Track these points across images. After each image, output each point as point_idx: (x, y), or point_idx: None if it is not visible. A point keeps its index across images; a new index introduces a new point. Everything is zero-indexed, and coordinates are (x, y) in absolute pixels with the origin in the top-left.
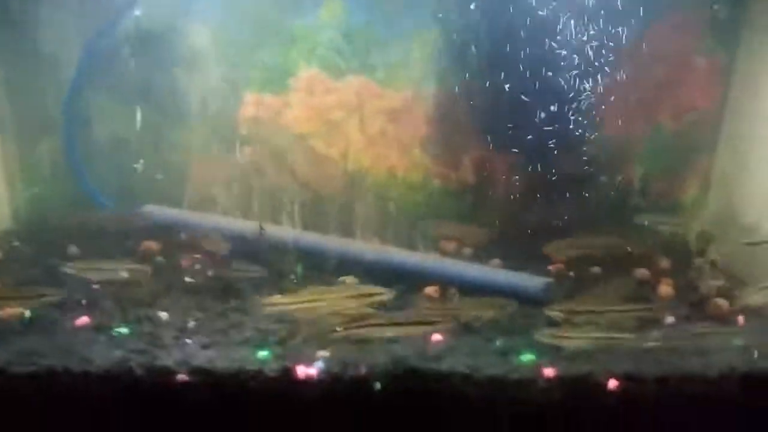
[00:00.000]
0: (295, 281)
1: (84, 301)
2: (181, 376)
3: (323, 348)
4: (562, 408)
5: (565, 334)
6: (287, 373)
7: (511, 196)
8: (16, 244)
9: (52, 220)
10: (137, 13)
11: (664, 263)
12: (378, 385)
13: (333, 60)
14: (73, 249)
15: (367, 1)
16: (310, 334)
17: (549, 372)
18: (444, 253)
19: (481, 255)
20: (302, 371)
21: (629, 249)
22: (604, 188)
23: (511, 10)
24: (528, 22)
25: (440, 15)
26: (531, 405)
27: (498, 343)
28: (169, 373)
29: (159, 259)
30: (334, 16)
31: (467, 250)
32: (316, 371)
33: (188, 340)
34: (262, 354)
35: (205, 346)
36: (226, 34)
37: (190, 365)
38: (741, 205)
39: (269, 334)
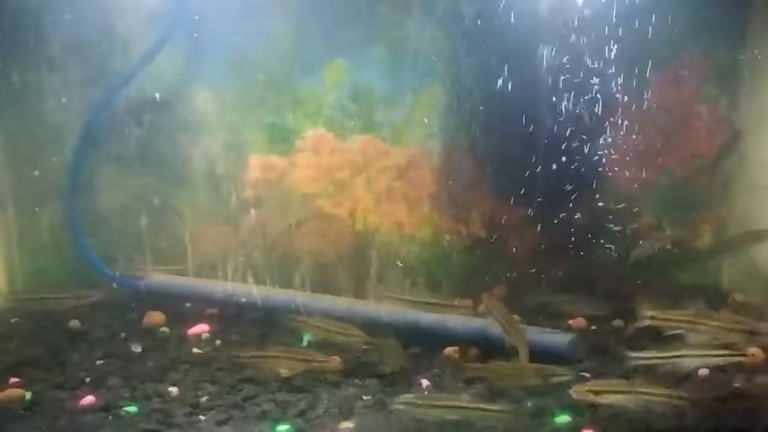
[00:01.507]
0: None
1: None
2: None
3: None
4: None
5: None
6: None
7: (523, 250)
8: (15, 320)
9: (53, 293)
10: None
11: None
12: None
13: (338, 119)
14: (74, 323)
15: (369, 61)
16: None
17: None
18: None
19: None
20: None
21: None
22: (616, 238)
23: (516, 64)
24: (533, 76)
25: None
26: None
27: (529, 404)
28: None
29: (163, 329)
30: (337, 76)
31: (481, 308)
32: None
33: (202, 417)
34: (283, 428)
35: (220, 423)
36: (230, 97)
37: None
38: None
39: (287, 407)
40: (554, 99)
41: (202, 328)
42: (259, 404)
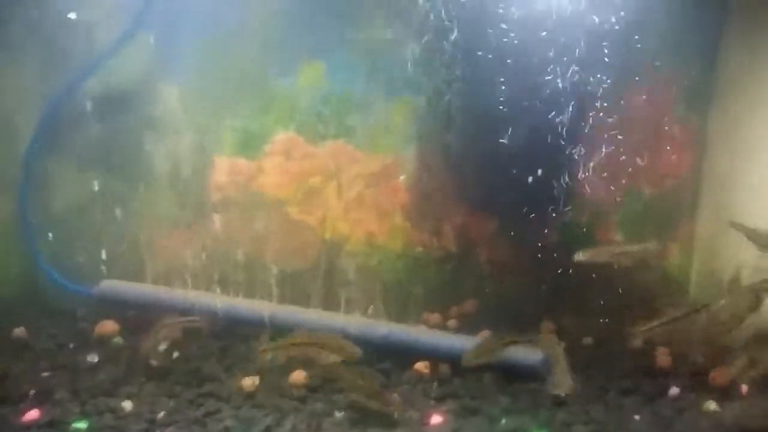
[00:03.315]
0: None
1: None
2: None
3: None
4: None
5: None
6: None
7: (495, 264)
8: None
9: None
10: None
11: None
12: None
13: (311, 124)
14: (20, 331)
15: (347, 64)
16: None
17: None
18: (429, 325)
19: (467, 326)
20: None
21: None
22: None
23: (492, 75)
24: (510, 87)
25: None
26: None
27: (504, 422)
28: None
29: (117, 340)
30: (313, 78)
31: (452, 322)
32: None
33: None
34: None
35: None
36: (198, 95)
37: None
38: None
39: (251, 423)
40: (531, 111)
41: None
42: (222, 420)
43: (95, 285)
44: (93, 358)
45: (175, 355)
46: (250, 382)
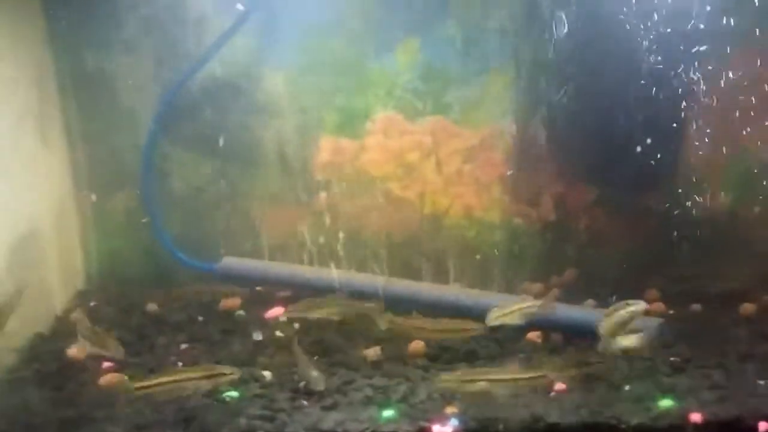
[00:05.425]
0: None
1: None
2: None
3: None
4: None
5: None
6: None
7: (595, 233)
8: (94, 304)
9: (128, 277)
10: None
11: None
12: None
13: (410, 101)
14: (152, 307)
15: (443, 40)
16: None
17: (696, 417)
18: (531, 295)
19: (569, 297)
20: (438, 430)
21: None
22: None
23: (591, 41)
24: (608, 53)
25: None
26: None
27: (627, 389)
28: None
29: (240, 313)
30: (410, 56)
31: (554, 292)
32: (452, 429)
33: (305, 402)
34: (389, 413)
35: (327, 408)
36: (302, 79)
37: (322, 430)
38: None
39: (389, 392)
40: (635, 77)
41: (278, 311)
42: (359, 389)
43: (217, 262)
44: (259, 335)
45: (296, 326)
46: (372, 351)
